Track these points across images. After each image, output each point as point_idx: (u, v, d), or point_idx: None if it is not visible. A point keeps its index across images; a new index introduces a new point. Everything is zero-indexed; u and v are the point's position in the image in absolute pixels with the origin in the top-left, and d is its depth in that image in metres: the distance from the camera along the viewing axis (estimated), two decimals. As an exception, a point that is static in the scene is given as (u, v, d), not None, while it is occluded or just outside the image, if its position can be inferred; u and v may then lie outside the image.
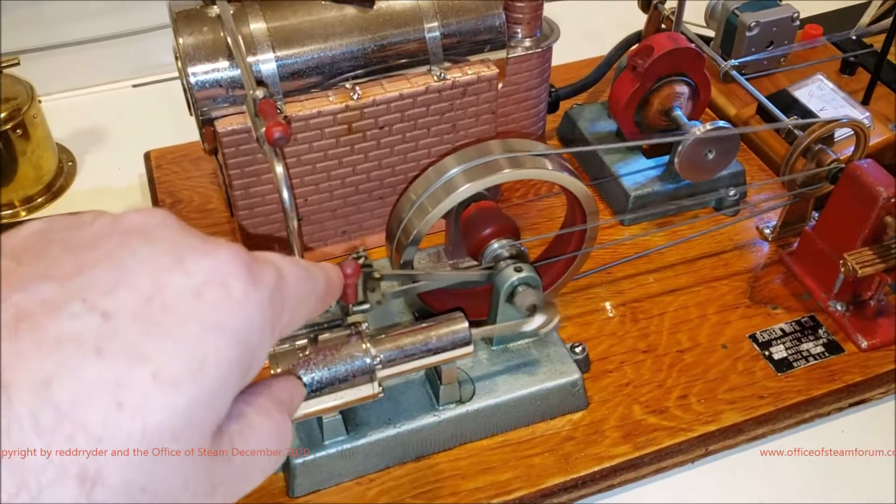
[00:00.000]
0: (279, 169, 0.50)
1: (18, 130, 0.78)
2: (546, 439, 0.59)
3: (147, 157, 0.83)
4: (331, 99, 0.65)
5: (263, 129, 0.48)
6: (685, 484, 0.60)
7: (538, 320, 0.57)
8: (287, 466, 0.56)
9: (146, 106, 0.94)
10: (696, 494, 0.59)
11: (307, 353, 0.52)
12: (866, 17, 0.96)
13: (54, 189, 0.83)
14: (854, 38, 0.95)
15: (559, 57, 0.85)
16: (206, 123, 0.64)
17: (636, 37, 0.87)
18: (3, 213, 0.81)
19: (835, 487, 0.60)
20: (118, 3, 0.92)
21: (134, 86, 0.97)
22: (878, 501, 0.59)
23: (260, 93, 0.50)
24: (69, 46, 0.93)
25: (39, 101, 0.81)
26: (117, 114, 0.92)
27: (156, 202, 0.78)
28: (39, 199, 0.82)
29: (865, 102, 0.86)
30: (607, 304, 0.68)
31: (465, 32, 0.67)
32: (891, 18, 0.82)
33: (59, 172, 0.84)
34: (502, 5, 0.68)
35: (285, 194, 0.50)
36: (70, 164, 0.86)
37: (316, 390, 0.51)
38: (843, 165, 0.66)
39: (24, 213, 0.81)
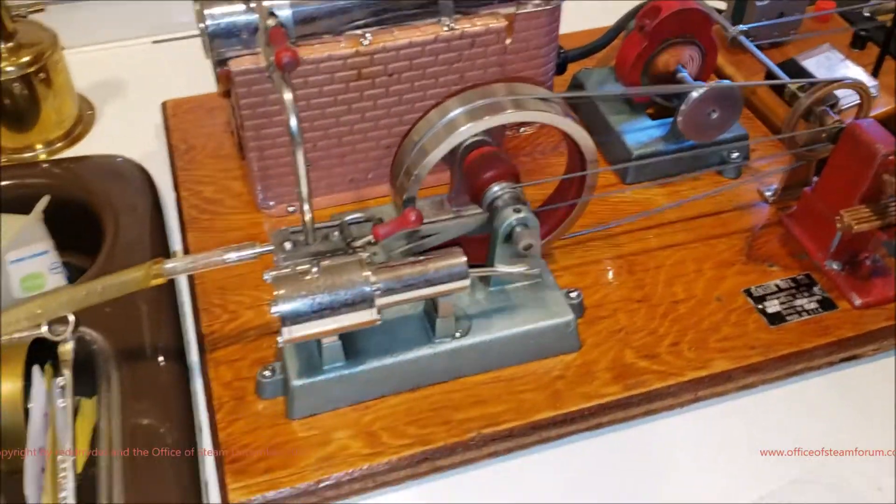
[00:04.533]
0: (287, 95, 0.51)
1: (41, 74, 0.81)
2: (538, 377, 0.61)
3: (164, 106, 0.85)
4: (342, 44, 0.66)
5: (274, 54, 0.50)
6: (674, 428, 0.61)
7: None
8: (286, 389, 0.58)
9: (165, 62, 0.96)
10: (686, 439, 0.60)
11: (309, 276, 0.54)
12: (879, -5, 0.96)
13: (74, 135, 0.85)
14: (867, 14, 0.96)
15: (572, 25, 0.86)
16: (220, 64, 0.66)
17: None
18: (25, 154, 0.83)
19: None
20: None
21: (154, 42, 0.99)
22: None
23: (272, 21, 0.52)
24: (93, 1, 0.95)
25: (63, 50, 0.83)
26: (137, 68, 0.95)
27: (171, 148, 0.80)
28: (59, 144, 0.84)
29: (874, 76, 0.86)
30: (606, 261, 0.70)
31: (476, -16, 0.68)
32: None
33: (79, 119, 0.86)
34: (513, -40, 0.70)
35: (293, 121, 0.52)
36: (90, 112, 0.88)
37: (317, 311, 0.53)
38: (843, 125, 0.67)
39: (43, 156, 0.83)
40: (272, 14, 0.58)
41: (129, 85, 0.93)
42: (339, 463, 0.55)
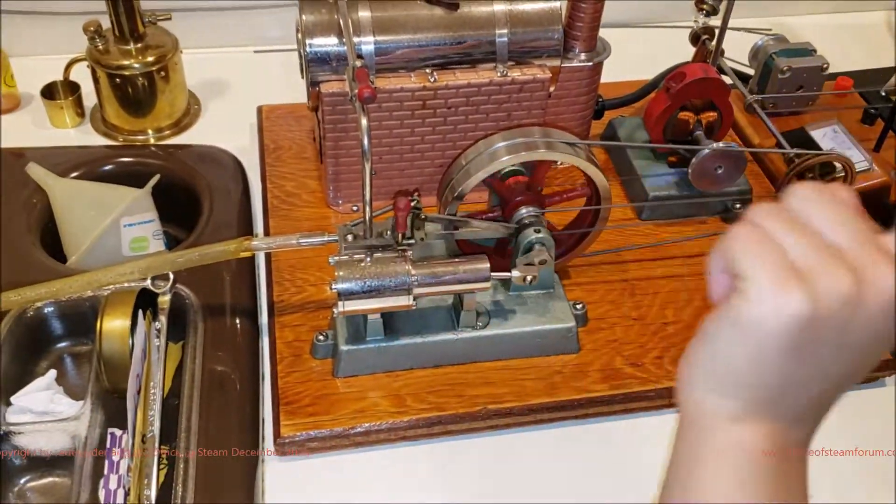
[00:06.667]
0: (364, 121, 0.65)
1: (162, 73, 0.97)
2: (540, 370, 0.74)
3: (259, 110, 1.00)
4: (412, 79, 0.80)
5: (357, 89, 0.64)
6: (650, 426, 0.73)
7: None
8: (335, 352, 0.72)
9: (263, 70, 1.11)
10: (658, 437, 0.73)
11: (363, 264, 0.68)
12: (894, 78, 1.07)
13: (181, 125, 1.01)
14: (883, 94, 1.07)
15: (616, 75, 0.99)
16: (313, 85, 0.80)
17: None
18: (138, 137, 0.99)
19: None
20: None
21: (255, 52, 1.14)
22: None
23: (359, 63, 0.66)
24: (209, 11, 1.10)
25: (181, 52, 0.99)
26: (239, 73, 1.10)
27: (262, 146, 0.95)
28: (168, 132, 1.00)
29: (876, 150, 0.97)
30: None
31: (528, 40, 0.82)
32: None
33: (186, 112, 1.02)
34: (563, 23, 0.83)
35: (365, 142, 0.66)
36: (196, 107, 1.04)
37: (366, 292, 0.67)
38: (825, 191, 0.78)
39: (153, 141, 0.99)
40: (360, 56, 0.73)
41: (232, 87, 1.08)
42: (369, 416, 0.69)
